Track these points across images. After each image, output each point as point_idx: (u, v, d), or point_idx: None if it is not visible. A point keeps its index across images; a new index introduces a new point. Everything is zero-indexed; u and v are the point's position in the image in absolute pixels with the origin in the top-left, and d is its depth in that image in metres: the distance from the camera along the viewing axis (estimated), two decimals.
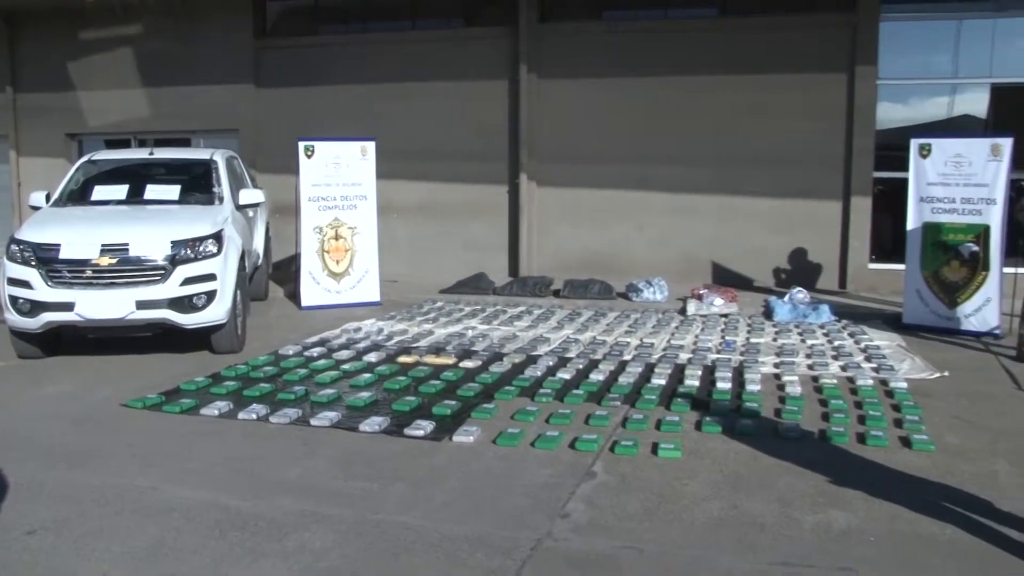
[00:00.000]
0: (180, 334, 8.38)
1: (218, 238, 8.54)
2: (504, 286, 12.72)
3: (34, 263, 8.01)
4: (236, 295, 8.66)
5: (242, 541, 4.34)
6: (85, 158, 10.42)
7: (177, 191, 9.62)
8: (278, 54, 15.14)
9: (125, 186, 9.62)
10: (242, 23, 15.17)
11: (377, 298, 11.78)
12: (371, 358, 8.34)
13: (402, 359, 8.32)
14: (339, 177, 11.71)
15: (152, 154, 10.75)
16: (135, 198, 9.48)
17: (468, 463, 5.50)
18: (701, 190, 13.21)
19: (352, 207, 11.77)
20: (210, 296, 8.29)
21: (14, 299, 8.01)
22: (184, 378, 7.52)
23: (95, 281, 7.99)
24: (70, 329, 8.20)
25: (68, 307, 7.90)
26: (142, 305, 7.99)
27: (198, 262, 8.27)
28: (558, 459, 5.53)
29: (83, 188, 9.72)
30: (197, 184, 9.81)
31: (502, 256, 14.27)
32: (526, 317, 10.73)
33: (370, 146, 11.91)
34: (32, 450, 5.78)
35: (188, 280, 8.17)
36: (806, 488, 5.01)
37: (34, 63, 16.21)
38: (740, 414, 6.46)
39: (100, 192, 9.58)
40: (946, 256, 9.67)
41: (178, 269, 8.13)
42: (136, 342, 8.60)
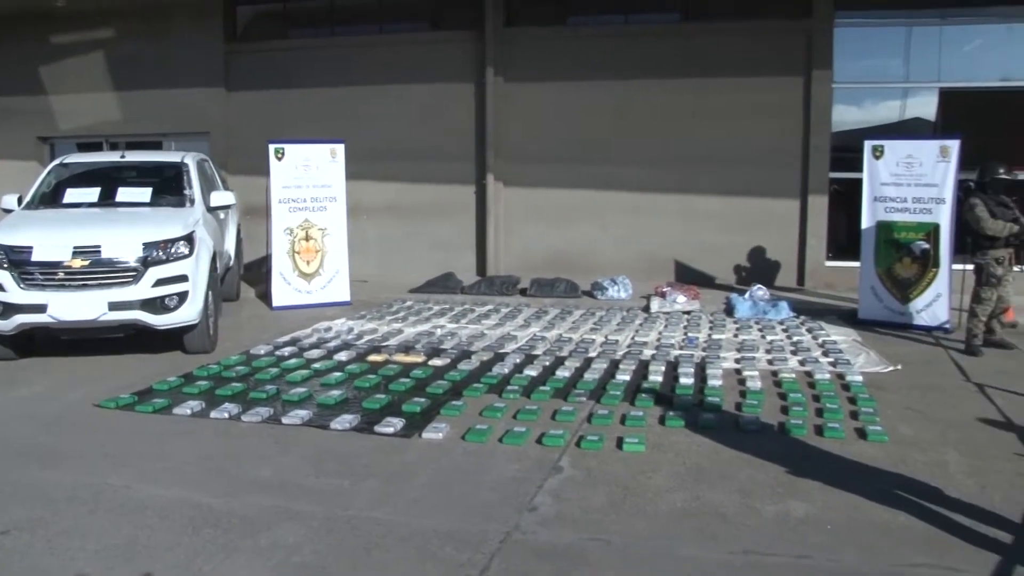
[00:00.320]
0: (152, 335, 8.30)
1: (190, 240, 8.47)
2: (472, 285, 12.71)
3: (6, 265, 7.89)
4: (208, 296, 8.60)
5: (215, 538, 4.31)
6: (57, 161, 10.30)
7: (148, 193, 9.53)
8: (248, 58, 15.01)
9: (97, 189, 9.53)
10: (212, 27, 15.01)
11: (347, 298, 11.73)
12: (341, 357, 8.31)
13: (372, 358, 8.30)
14: (309, 179, 11.65)
15: (123, 157, 10.61)
16: (107, 201, 9.38)
17: (438, 459, 5.50)
18: (664, 190, 13.27)
19: (322, 208, 11.71)
20: (182, 297, 8.22)
21: None
22: (157, 378, 7.45)
23: (67, 283, 7.90)
24: (43, 331, 8.09)
25: (41, 309, 7.81)
26: (114, 306, 7.91)
27: (170, 263, 8.21)
28: (526, 454, 5.54)
29: (55, 191, 9.60)
30: (168, 186, 9.71)
31: (470, 255, 14.25)
32: (494, 315, 10.74)
33: (339, 148, 11.86)
34: (5, 451, 5.72)
35: (160, 281, 8.10)
36: (766, 479, 5.07)
37: (5, 67, 15.89)
38: (702, 408, 6.51)
39: (72, 195, 9.47)
40: (899, 254, 9.80)
41: (150, 271, 8.06)
42: (109, 343, 8.50)
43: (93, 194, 9.46)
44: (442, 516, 4.58)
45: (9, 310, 7.85)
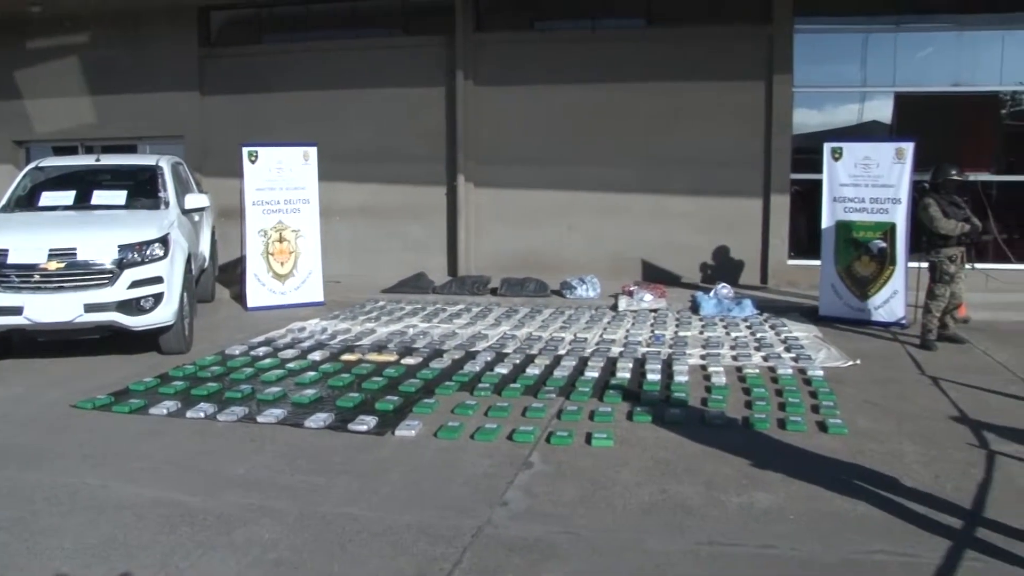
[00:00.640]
0: (128, 336, 8.22)
1: (164, 242, 8.40)
2: (443, 285, 12.70)
3: None
4: (183, 297, 8.53)
5: (192, 536, 4.29)
6: (32, 164, 10.17)
7: (124, 196, 9.45)
8: (222, 62, 14.89)
9: (72, 192, 9.44)
10: (187, 32, 14.87)
11: (321, 298, 11.68)
12: (315, 356, 8.27)
13: (345, 357, 8.27)
14: (282, 181, 11.59)
15: (99, 160, 10.52)
16: (82, 203, 9.29)
17: (411, 456, 5.50)
18: (631, 190, 13.32)
19: (295, 210, 11.66)
20: (157, 298, 8.15)
21: None
22: (133, 379, 7.38)
23: (43, 285, 7.80)
24: (19, 333, 8.00)
25: (17, 311, 7.71)
26: (90, 308, 7.82)
27: (145, 265, 8.13)
28: (497, 450, 5.55)
29: (30, 194, 9.49)
30: (143, 189, 9.63)
31: (441, 256, 14.23)
32: (465, 315, 10.73)
33: (312, 151, 11.81)
34: None
35: (136, 283, 8.02)
36: (731, 472, 5.12)
37: None
38: (669, 404, 6.55)
39: (47, 198, 9.37)
40: (857, 252, 9.91)
41: (125, 272, 7.98)
42: (85, 344, 8.42)
43: (68, 197, 9.37)
44: (415, 511, 4.58)
45: None
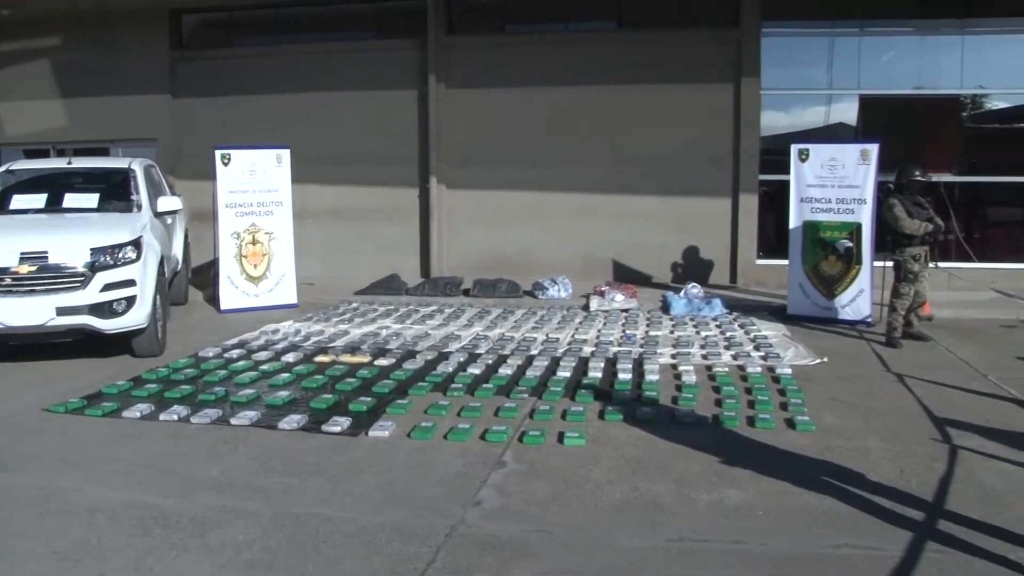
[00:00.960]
0: (101, 339, 8.12)
1: (137, 244, 8.31)
2: (416, 286, 12.66)
3: None
4: (156, 300, 8.45)
5: (165, 538, 4.25)
6: (3, 168, 10.01)
7: (96, 199, 9.32)
8: (194, 65, 14.76)
9: (44, 195, 9.30)
10: (158, 35, 14.73)
11: (294, 300, 11.62)
12: (289, 358, 8.22)
13: (319, 359, 8.23)
14: (255, 184, 11.52)
15: (70, 163, 10.40)
16: (54, 207, 9.16)
17: (384, 456, 5.48)
18: (602, 191, 13.36)
19: (268, 213, 11.59)
20: (130, 301, 8.06)
21: None
22: (106, 382, 7.30)
23: (15, 289, 7.69)
24: None
25: None
26: (62, 311, 7.72)
27: (117, 268, 8.04)
28: (470, 450, 5.55)
29: (1, 197, 9.33)
30: (115, 192, 9.52)
31: (414, 257, 14.20)
32: (438, 316, 10.71)
33: (285, 154, 11.75)
34: None
35: (108, 286, 7.92)
36: (701, 469, 5.14)
37: None
38: (640, 402, 6.57)
39: (19, 201, 9.21)
40: (824, 252, 9.99)
41: (98, 275, 7.88)
42: (57, 348, 8.30)
43: (40, 200, 9.22)
44: (389, 511, 4.57)
45: None
